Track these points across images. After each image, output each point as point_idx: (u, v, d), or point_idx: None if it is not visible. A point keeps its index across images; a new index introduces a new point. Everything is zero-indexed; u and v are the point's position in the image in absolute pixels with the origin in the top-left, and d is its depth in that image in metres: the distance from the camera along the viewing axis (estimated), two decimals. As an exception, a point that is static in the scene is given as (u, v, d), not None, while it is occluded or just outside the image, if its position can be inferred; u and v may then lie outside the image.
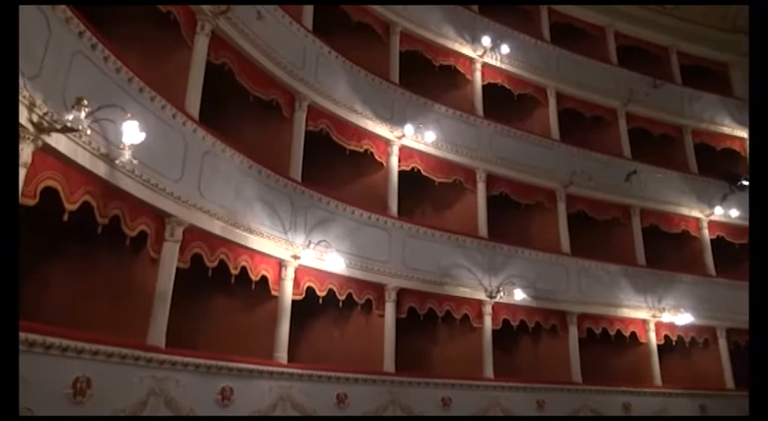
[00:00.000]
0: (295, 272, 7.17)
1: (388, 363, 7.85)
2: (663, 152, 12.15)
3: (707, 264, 11.50)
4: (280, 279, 7.01)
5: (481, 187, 9.80)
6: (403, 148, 9.20)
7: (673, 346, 10.77)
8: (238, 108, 7.61)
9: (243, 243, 6.51)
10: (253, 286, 6.71)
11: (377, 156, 8.95)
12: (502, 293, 8.96)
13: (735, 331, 11.14)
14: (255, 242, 6.66)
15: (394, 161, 9.06)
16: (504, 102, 11.02)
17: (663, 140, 12.37)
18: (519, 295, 9.03)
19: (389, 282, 8.20)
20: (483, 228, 9.52)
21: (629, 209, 11.13)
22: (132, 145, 4.46)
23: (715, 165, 12.28)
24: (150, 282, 5.42)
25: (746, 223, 12.05)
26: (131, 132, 4.40)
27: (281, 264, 7.04)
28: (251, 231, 6.62)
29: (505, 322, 9.18)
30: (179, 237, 5.63)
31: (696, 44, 13.65)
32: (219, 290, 6.71)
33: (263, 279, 6.83)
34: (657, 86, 12.24)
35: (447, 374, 8.53)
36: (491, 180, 9.96)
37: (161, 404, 5.21)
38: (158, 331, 5.31)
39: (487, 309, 8.97)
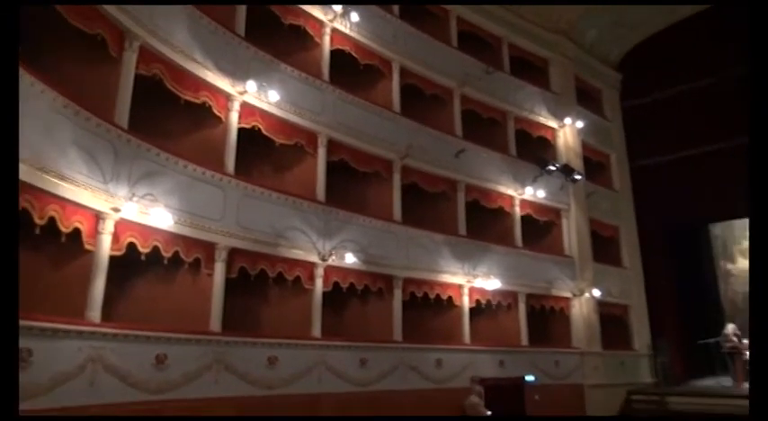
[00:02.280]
0: (115, 225, 6.66)
1: (215, 323, 7.71)
2: (488, 134, 13.29)
3: (516, 237, 12.96)
4: (96, 232, 6.46)
5: (322, 152, 9.89)
6: (245, 105, 8.90)
7: (482, 309, 12.05)
8: (57, 41, 6.72)
9: (52, 191, 5.86)
10: (63, 239, 6.10)
11: (215, 111, 8.55)
12: (334, 257, 9.24)
13: (532, 296, 12.81)
14: (68, 191, 6.04)
15: (234, 117, 8.73)
16: (351, 70, 11.15)
17: (490, 123, 13.51)
18: (350, 259, 9.39)
19: (221, 241, 7.99)
20: (321, 192, 9.66)
21: (456, 184, 12.06)
22: None
23: (530, 150, 13.76)
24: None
25: (550, 203, 13.80)
26: None
27: (98, 216, 6.48)
28: (63, 178, 5.98)
29: (336, 284, 9.50)
30: (-31, 178, 4.90)
31: (525, 39, 14.98)
32: (21, 241, 5.97)
33: (76, 231, 6.24)
34: (489, 73, 13.29)
35: (275, 334, 8.63)
36: (332, 146, 10.08)
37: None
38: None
39: (319, 272, 9.20)
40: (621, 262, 15.62)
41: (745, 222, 17.85)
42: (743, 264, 18.06)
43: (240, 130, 8.80)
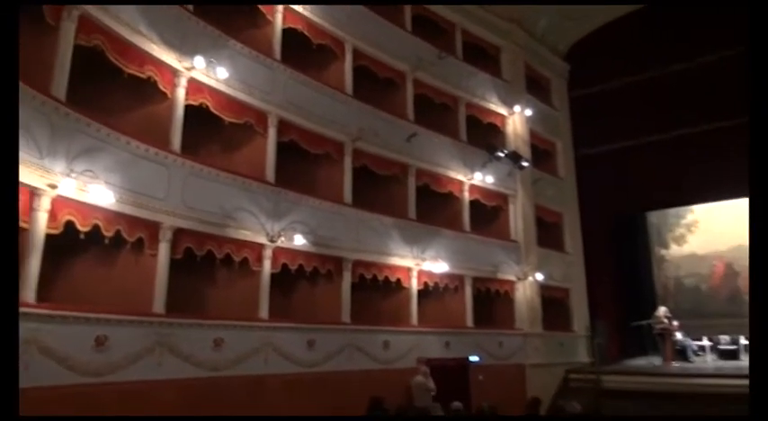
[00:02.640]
0: (51, 202, 6.39)
1: (158, 305, 7.55)
2: (440, 119, 13.43)
3: (464, 221, 13.21)
4: (30, 209, 6.17)
5: (272, 132, 9.74)
6: (192, 82, 8.64)
7: (430, 291, 12.28)
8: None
9: (-18, 165, 5.55)
10: (-6, 216, 5.80)
11: (161, 86, 8.28)
12: (283, 238, 9.18)
13: (478, 279, 13.14)
14: None
15: (180, 93, 8.48)
16: (303, 50, 10.98)
17: (441, 108, 13.64)
18: (300, 240, 9.35)
19: (165, 220, 7.79)
20: (270, 173, 9.54)
21: (408, 168, 12.15)
22: None
23: (480, 137, 13.99)
24: None
25: (498, 189, 14.12)
26: None
27: (32, 192, 6.19)
28: (-6, 152, 5.66)
29: (284, 266, 9.45)
30: None
31: (478, 26, 15.12)
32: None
33: (9, 208, 5.94)
34: (442, 58, 13.37)
35: (221, 316, 8.53)
36: (282, 126, 9.95)
37: None
38: None
39: (268, 253, 9.12)
40: (564, 247, 16.19)
41: (679, 210, 18.85)
42: (675, 250, 19.04)
43: (187, 108, 8.56)
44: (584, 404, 10.08)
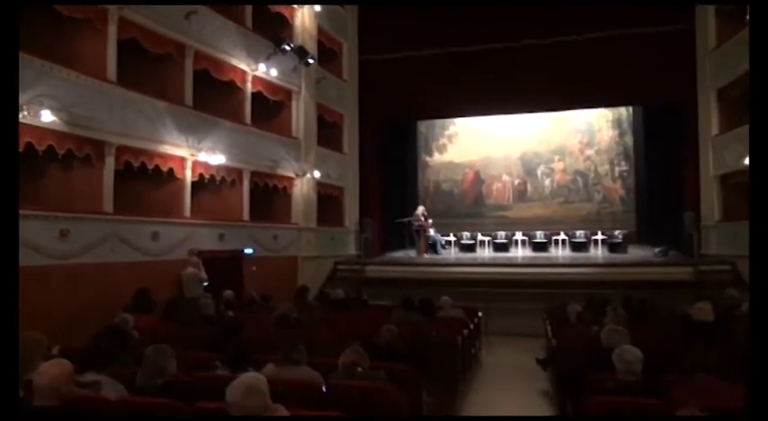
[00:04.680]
0: None
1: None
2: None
3: (245, 113, 12.79)
4: None
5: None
6: None
7: (205, 184, 11.86)
8: None
9: None
10: None
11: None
12: (26, 113, 7.79)
13: (257, 174, 13.10)
14: None
15: None
16: None
17: (226, -12, 12.53)
18: (47, 117, 8.05)
19: None
20: (8, 32, 7.84)
21: (185, 48, 11.09)
22: None
23: (266, 27, 13.33)
24: None
25: (282, 83, 13.87)
26: None
27: None
28: None
29: (29, 145, 8.11)
30: None
31: None
32: None
33: None
34: (230, -70, 12.10)
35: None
36: (24, -25, 8.12)
37: None
38: None
39: (6, 129, 7.72)
40: (342, 147, 16.88)
41: (444, 122, 20.94)
42: (437, 157, 21.33)
43: None
44: (347, 291, 11.15)
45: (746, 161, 12.43)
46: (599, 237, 17.25)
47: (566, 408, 5.23)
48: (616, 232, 17.37)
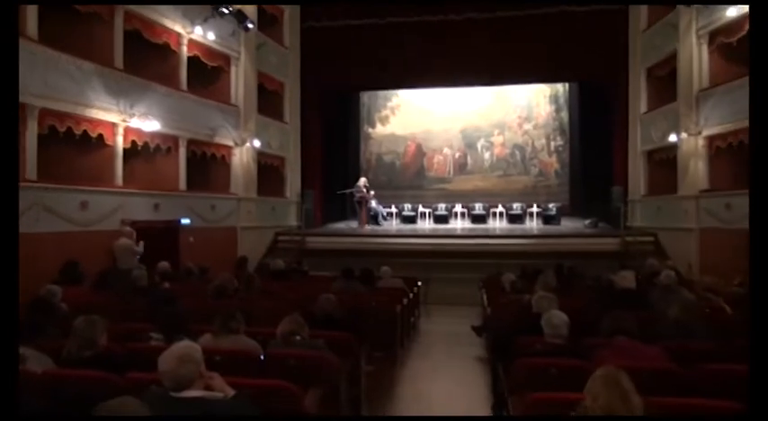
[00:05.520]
0: None
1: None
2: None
3: (181, 78, 12.28)
4: None
5: None
6: None
7: (138, 151, 11.37)
8: None
9: None
10: None
11: None
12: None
13: (194, 142, 12.68)
14: None
15: None
16: None
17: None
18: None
19: None
20: None
21: (114, 7, 10.46)
22: None
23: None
24: None
25: (220, 48, 13.37)
26: None
27: None
28: None
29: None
30: None
31: None
32: None
33: None
34: None
35: None
36: None
37: None
38: None
39: None
40: (283, 117, 16.54)
41: (387, 93, 20.86)
42: (380, 129, 21.33)
43: None
44: (287, 261, 11.09)
45: (671, 138, 13.14)
46: (534, 209, 17.87)
47: (498, 372, 5.47)
48: (550, 205, 18.06)
